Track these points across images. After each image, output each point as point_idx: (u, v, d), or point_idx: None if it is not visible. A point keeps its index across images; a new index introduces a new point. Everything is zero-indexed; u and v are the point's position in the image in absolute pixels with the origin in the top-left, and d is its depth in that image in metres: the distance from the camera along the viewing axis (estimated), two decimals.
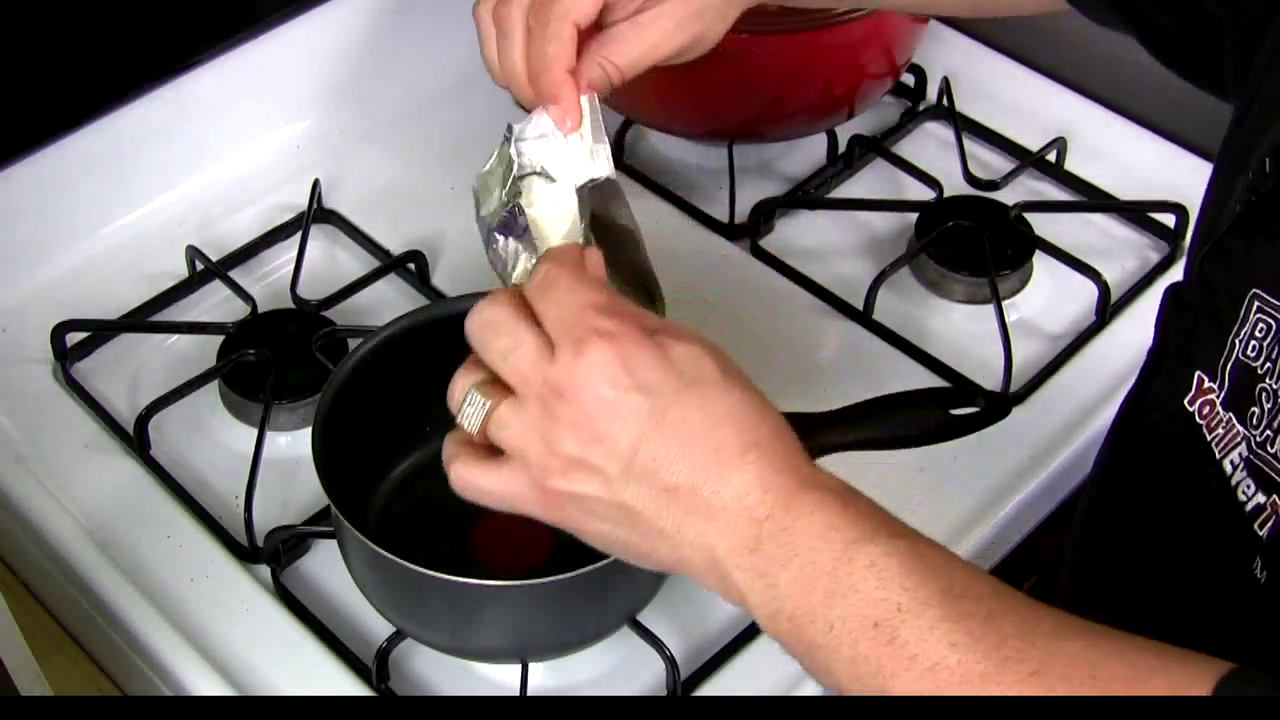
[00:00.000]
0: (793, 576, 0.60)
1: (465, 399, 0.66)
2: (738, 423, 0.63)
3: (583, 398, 0.62)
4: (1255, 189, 0.66)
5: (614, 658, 0.90)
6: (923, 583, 0.58)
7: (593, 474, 0.63)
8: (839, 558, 0.59)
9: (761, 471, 0.61)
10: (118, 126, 1.11)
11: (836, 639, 0.59)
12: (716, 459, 0.62)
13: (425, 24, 1.25)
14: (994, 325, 1.05)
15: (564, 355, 0.63)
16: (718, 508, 0.61)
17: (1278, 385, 0.64)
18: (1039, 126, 1.22)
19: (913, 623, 0.57)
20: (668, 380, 0.63)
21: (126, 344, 1.06)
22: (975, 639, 0.56)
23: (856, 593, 0.58)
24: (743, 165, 1.18)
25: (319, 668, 0.88)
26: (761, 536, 0.60)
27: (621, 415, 0.62)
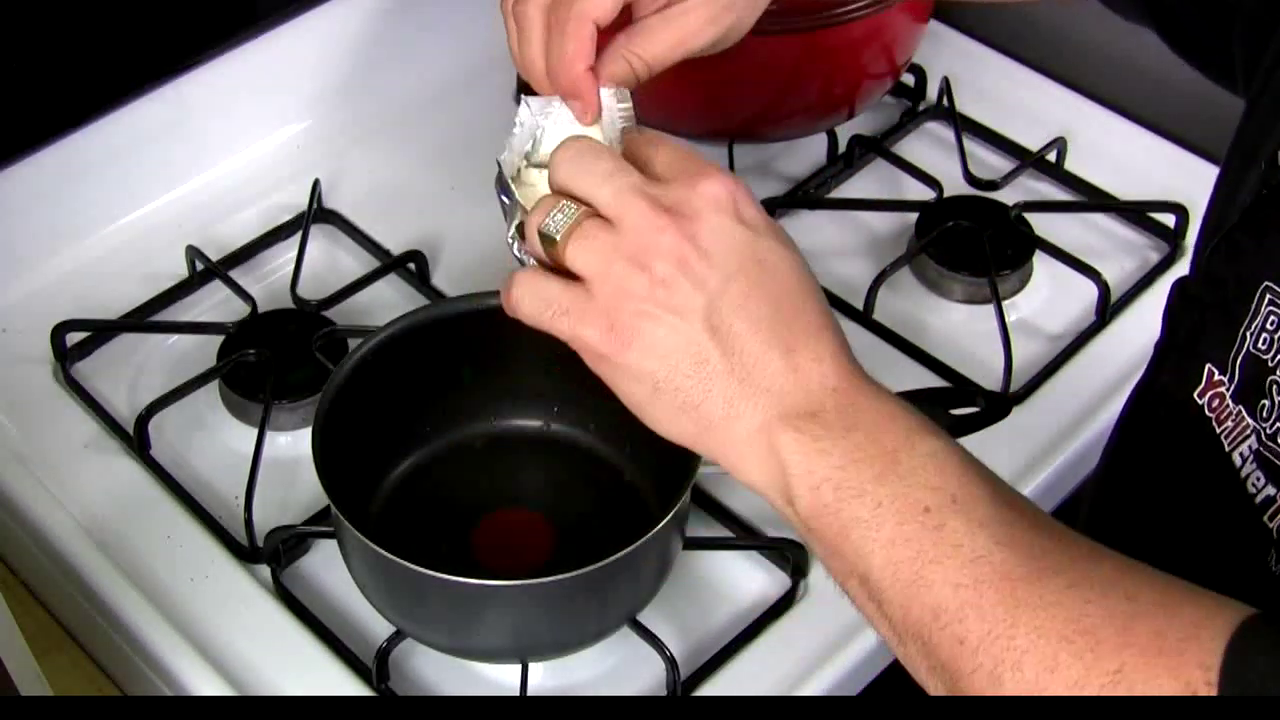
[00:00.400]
0: (850, 447, 0.59)
1: (556, 207, 0.63)
2: (817, 298, 0.63)
3: (695, 217, 0.61)
4: (1267, 181, 0.66)
5: (614, 658, 0.90)
6: (977, 481, 0.59)
7: (680, 295, 0.61)
8: (901, 441, 0.59)
9: (835, 347, 0.62)
10: (118, 126, 1.11)
11: (881, 516, 0.58)
12: (801, 319, 0.62)
13: (425, 24, 1.25)
14: (994, 325, 1.05)
15: (679, 182, 0.63)
16: (792, 364, 0.61)
17: None
18: (1039, 126, 1.22)
19: (964, 514, 0.57)
20: (770, 228, 0.63)
21: (126, 344, 1.06)
22: (1019, 543, 0.57)
23: (914, 475, 0.58)
24: (743, 165, 1.18)
25: (319, 668, 0.88)
26: (826, 404, 0.60)
27: (727, 242, 0.61)
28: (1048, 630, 0.55)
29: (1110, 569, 0.57)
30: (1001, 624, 0.55)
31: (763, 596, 0.92)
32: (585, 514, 0.93)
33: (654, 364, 0.61)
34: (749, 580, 0.93)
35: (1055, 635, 0.54)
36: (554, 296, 0.63)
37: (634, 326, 0.61)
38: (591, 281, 0.62)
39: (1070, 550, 0.58)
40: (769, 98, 1.14)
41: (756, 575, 0.93)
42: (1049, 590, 0.55)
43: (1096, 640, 0.54)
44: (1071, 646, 0.54)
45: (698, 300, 0.61)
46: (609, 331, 0.62)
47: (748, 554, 0.93)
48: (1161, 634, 0.54)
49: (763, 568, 0.93)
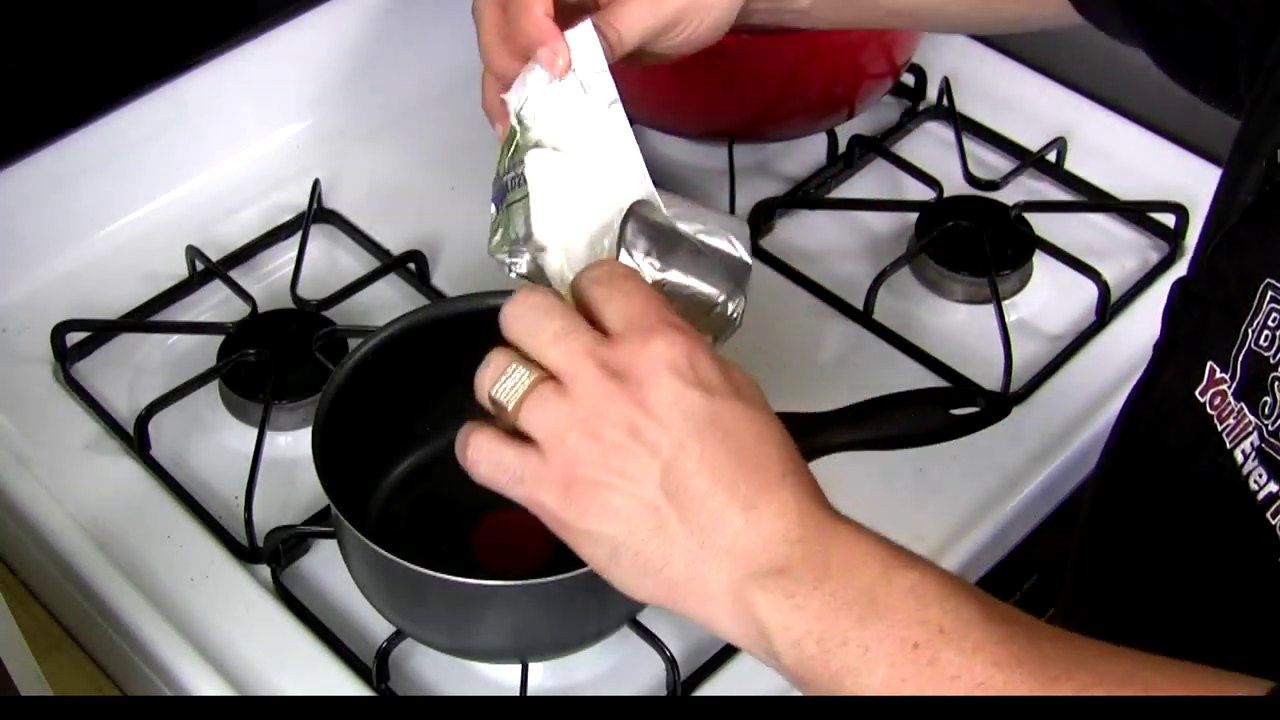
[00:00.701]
0: (826, 597, 0.58)
1: (507, 371, 0.62)
2: (779, 447, 0.62)
3: (644, 381, 0.60)
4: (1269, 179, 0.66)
5: (614, 658, 0.90)
6: (963, 605, 0.57)
7: (634, 462, 0.60)
8: (876, 579, 0.58)
9: (799, 496, 0.60)
10: (118, 126, 1.11)
11: (871, 661, 0.57)
12: (759, 474, 0.60)
13: (425, 24, 1.25)
14: (994, 325, 1.05)
15: (629, 341, 0.61)
16: (753, 521, 0.59)
17: None
18: (1039, 126, 1.22)
19: (955, 644, 0.56)
20: (726, 386, 0.61)
21: (126, 344, 1.06)
22: (1019, 660, 0.55)
23: (895, 614, 0.57)
24: (743, 165, 1.18)
25: (319, 668, 0.88)
26: (793, 557, 0.59)
27: (680, 405, 0.60)
28: None
29: (1125, 666, 0.56)
30: None
31: None
32: None
33: (612, 529, 0.61)
34: None
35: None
36: (509, 463, 0.62)
37: (589, 493, 0.61)
38: (545, 448, 0.61)
39: (1078, 653, 0.56)
40: (769, 98, 1.14)
41: None
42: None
43: None
44: None
45: (652, 466, 0.60)
46: (565, 498, 0.61)
47: None
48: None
49: None
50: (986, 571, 0.98)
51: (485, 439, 0.63)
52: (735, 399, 0.61)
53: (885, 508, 0.95)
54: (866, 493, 0.96)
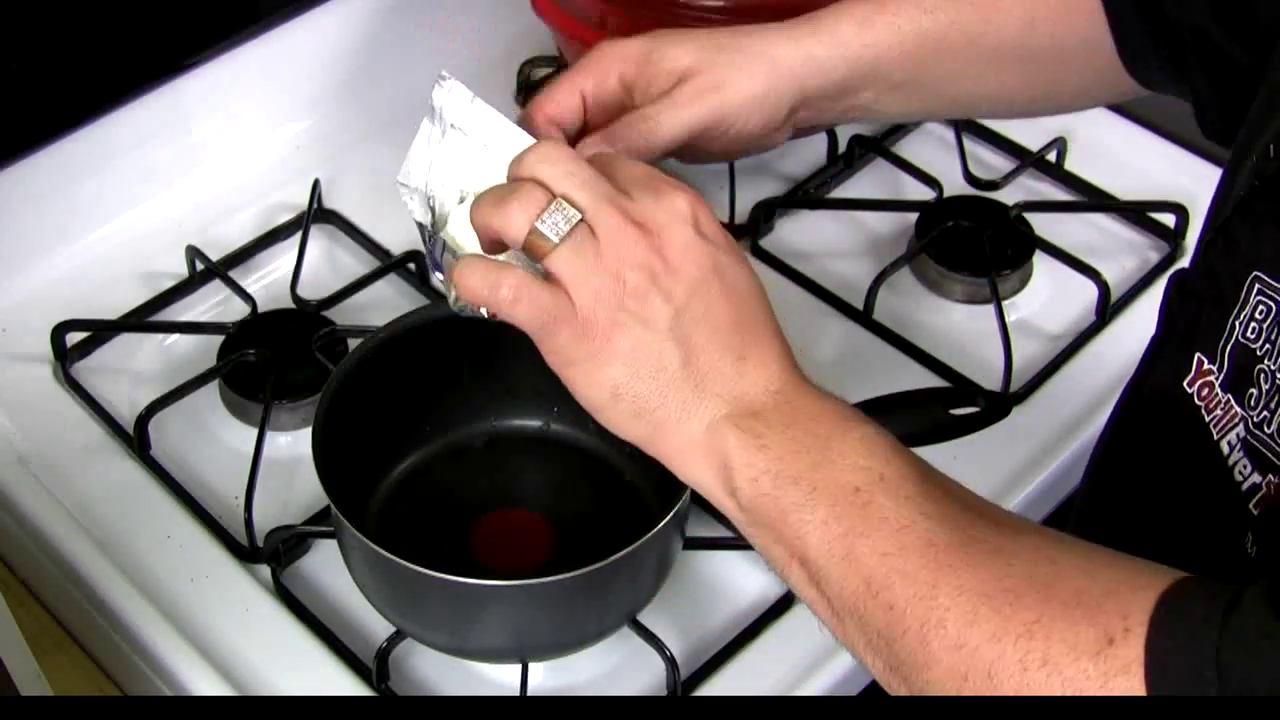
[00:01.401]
0: (787, 439, 0.64)
1: (551, 207, 0.65)
2: (766, 306, 0.68)
3: (661, 231, 0.65)
4: (1260, 173, 0.66)
5: (614, 658, 0.90)
6: (906, 462, 0.63)
7: (650, 306, 0.65)
8: (834, 429, 0.64)
9: (780, 353, 0.67)
10: (118, 126, 1.11)
11: (815, 499, 0.62)
12: (753, 329, 0.67)
13: (425, 24, 1.25)
14: (994, 325, 1.05)
15: (643, 198, 0.66)
16: (741, 370, 0.65)
17: (1276, 367, 0.64)
18: (1039, 126, 1.22)
19: (891, 491, 0.61)
20: (727, 242, 0.67)
21: (126, 344, 1.06)
22: (945, 514, 0.60)
23: (845, 458, 0.62)
24: (743, 165, 1.18)
25: (319, 668, 0.88)
26: (768, 404, 0.65)
27: (692, 255, 0.65)
28: (969, 589, 0.58)
29: (1036, 539, 0.60)
30: (925, 585, 0.59)
31: (763, 596, 0.92)
32: (585, 514, 0.93)
33: (618, 370, 0.65)
34: (749, 580, 0.93)
35: (976, 593, 0.57)
36: (546, 303, 0.65)
37: (605, 334, 0.65)
38: (571, 287, 0.65)
39: (997, 524, 0.61)
40: None
41: (756, 575, 0.93)
42: (972, 555, 0.59)
43: (1016, 596, 0.57)
44: (991, 602, 0.57)
45: (665, 311, 0.65)
46: (581, 336, 0.65)
47: (748, 554, 0.93)
48: (1082, 590, 0.56)
49: (763, 568, 0.93)
50: None
51: (519, 278, 0.66)
52: (735, 254, 0.67)
53: None
54: None
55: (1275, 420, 0.64)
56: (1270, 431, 0.64)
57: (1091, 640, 0.55)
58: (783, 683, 0.88)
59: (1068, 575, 0.57)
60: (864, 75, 0.82)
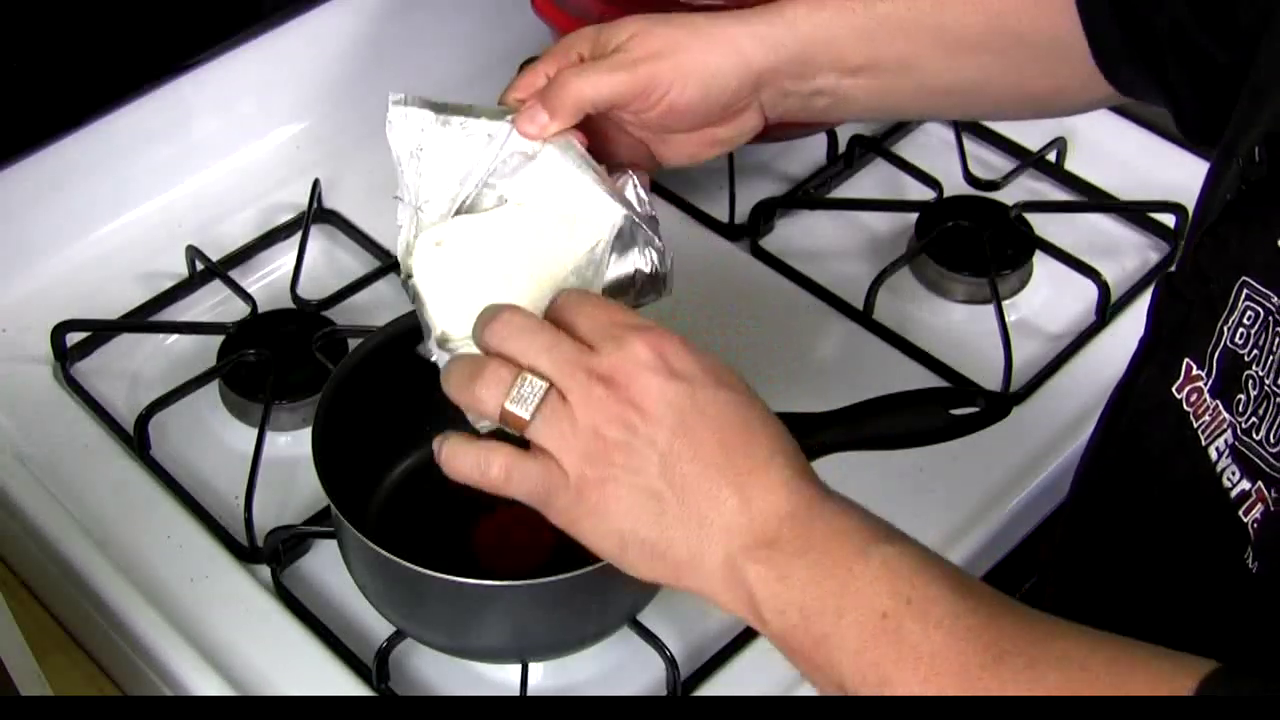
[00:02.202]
0: (808, 568, 0.62)
1: (518, 383, 0.65)
2: (764, 428, 0.66)
3: (630, 383, 0.64)
4: (1246, 177, 0.66)
5: (614, 658, 0.90)
6: (932, 581, 0.61)
7: (633, 455, 0.64)
8: (855, 553, 0.62)
9: (786, 474, 0.64)
10: (118, 126, 1.11)
11: (844, 629, 0.61)
12: (748, 455, 0.64)
13: (425, 24, 1.25)
14: (994, 325, 1.05)
15: (606, 349, 0.65)
16: (745, 499, 0.64)
17: (1264, 373, 0.64)
18: (1039, 126, 1.22)
19: (919, 616, 0.60)
20: (704, 375, 0.66)
21: (126, 344, 1.06)
22: (975, 634, 0.59)
23: (870, 585, 0.61)
24: (743, 165, 1.18)
25: (319, 668, 0.88)
26: (783, 532, 0.63)
27: (665, 399, 0.64)
28: None
29: (1069, 642, 0.59)
30: None
31: None
32: None
33: (620, 523, 0.65)
34: None
35: None
36: (538, 477, 0.66)
37: (599, 490, 0.65)
38: (558, 454, 0.66)
39: (1028, 631, 0.60)
40: None
41: None
42: (1006, 672, 0.58)
43: None
44: None
45: (651, 456, 0.64)
46: (578, 499, 0.66)
47: None
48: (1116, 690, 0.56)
49: None
50: (986, 571, 0.98)
51: (507, 456, 0.67)
52: (716, 387, 0.66)
53: (885, 508, 0.95)
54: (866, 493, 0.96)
55: (1264, 427, 0.64)
56: (1258, 438, 0.64)
57: None
58: (783, 683, 0.88)
59: (1101, 680, 0.57)
60: (817, 54, 0.81)
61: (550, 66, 0.80)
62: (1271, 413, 0.64)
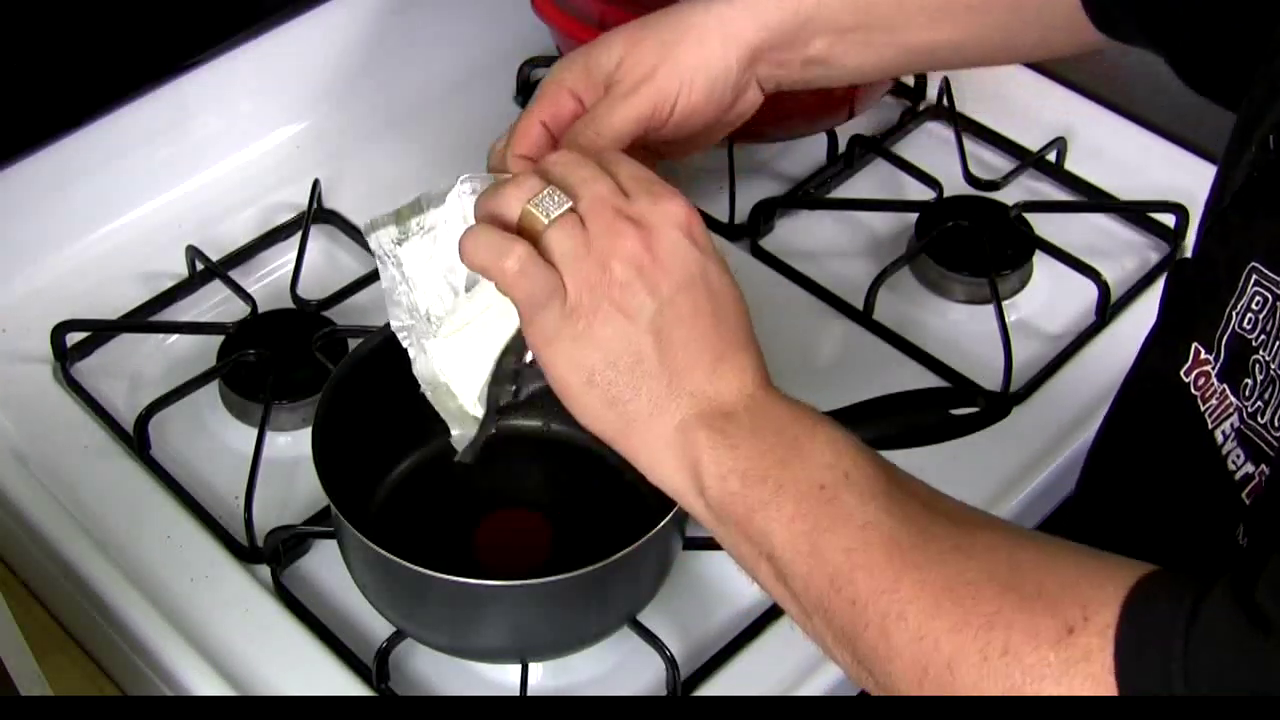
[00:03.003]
0: (757, 440, 0.65)
1: (544, 192, 0.68)
2: (746, 316, 0.70)
3: (654, 230, 0.67)
4: (1257, 164, 0.67)
5: (614, 658, 0.90)
6: (872, 461, 0.65)
7: (633, 298, 0.66)
8: (803, 431, 0.66)
9: (756, 363, 0.69)
10: (118, 126, 1.11)
11: (782, 497, 0.63)
12: (735, 335, 0.69)
13: (425, 24, 1.25)
14: (994, 325, 1.05)
15: (640, 198, 0.68)
16: (717, 372, 0.67)
17: (1271, 357, 0.65)
18: (1039, 126, 1.22)
19: (856, 489, 0.63)
20: (718, 257, 0.69)
21: (126, 344, 1.06)
22: (909, 513, 0.62)
23: (812, 458, 0.64)
24: (743, 165, 1.18)
25: (319, 668, 0.88)
26: (740, 407, 0.67)
27: (680, 256, 0.67)
28: (931, 583, 0.59)
29: (997, 536, 0.61)
30: (888, 580, 0.60)
31: (763, 596, 0.91)
32: (585, 514, 0.93)
33: (596, 356, 0.67)
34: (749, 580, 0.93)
35: (938, 586, 0.59)
36: (539, 278, 0.67)
37: (589, 319, 0.67)
38: (561, 268, 0.67)
39: (959, 521, 0.62)
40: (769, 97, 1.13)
41: None
42: (933, 552, 0.60)
43: (977, 589, 0.58)
44: (953, 595, 0.58)
45: (648, 305, 0.67)
46: (564, 319, 0.67)
47: None
48: (1041, 583, 0.58)
49: None
50: None
51: (527, 252, 0.67)
52: (723, 271, 0.70)
53: None
54: None
55: (1269, 410, 0.65)
56: (1264, 421, 0.65)
57: (1051, 630, 0.56)
58: (783, 683, 0.88)
59: (1026, 570, 0.59)
60: (809, 21, 0.82)
61: (544, 112, 0.81)
62: (1278, 397, 0.64)
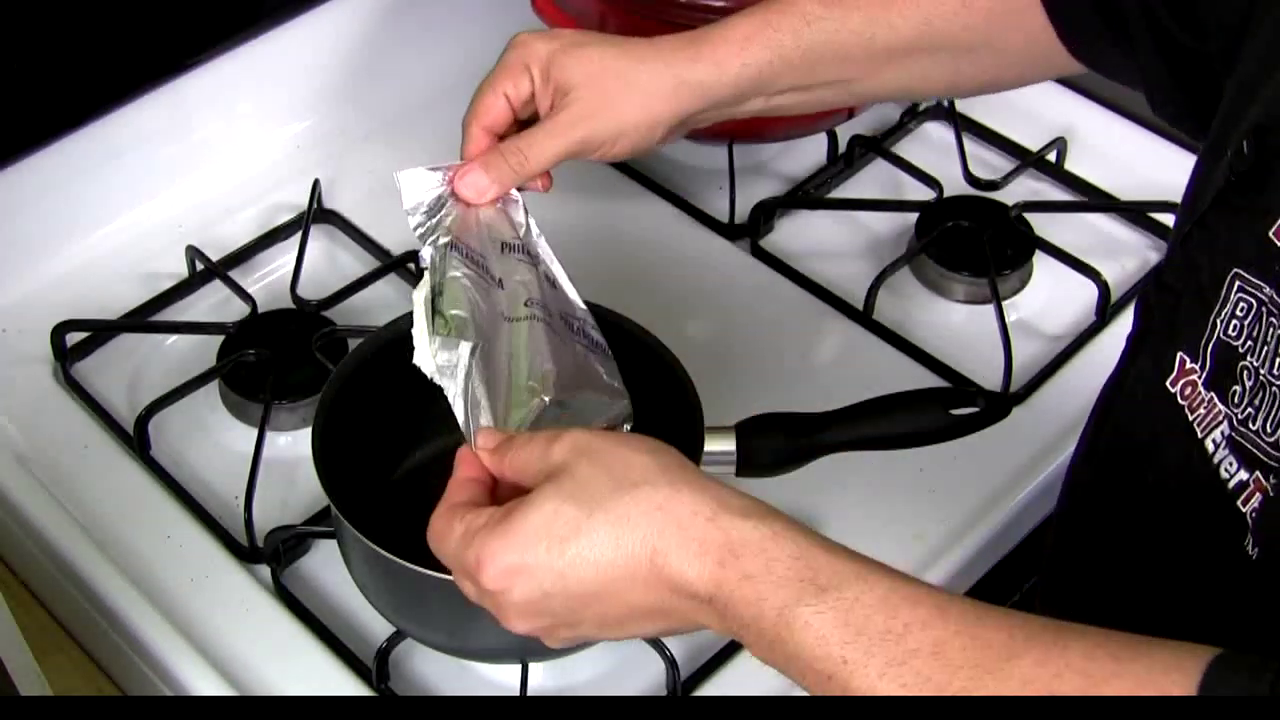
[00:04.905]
0: (752, 641, 0.62)
1: None
2: (623, 541, 0.63)
3: (499, 608, 0.67)
4: (1234, 168, 0.66)
5: (614, 658, 0.90)
6: (861, 633, 0.59)
7: (567, 631, 0.67)
8: (776, 625, 0.60)
9: (678, 567, 0.62)
10: (118, 126, 1.11)
11: (809, 686, 0.61)
12: (649, 573, 0.63)
13: (425, 24, 1.25)
14: (994, 325, 1.05)
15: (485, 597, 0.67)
16: (673, 607, 0.63)
17: (1259, 363, 0.64)
18: (1039, 126, 1.22)
19: (860, 673, 0.58)
20: (545, 578, 0.64)
21: (126, 344, 1.06)
22: (923, 678, 0.57)
23: (802, 653, 0.60)
24: (743, 165, 1.18)
25: (319, 668, 0.88)
26: (717, 611, 0.62)
27: (534, 610, 0.66)
28: None
29: (1028, 668, 0.56)
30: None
31: None
32: None
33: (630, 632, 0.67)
34: None
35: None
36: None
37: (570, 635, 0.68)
38: None
39: (982, 655, 0.57)
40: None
41: None
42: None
43: None
44: None
45: (578, 630, 0.67)
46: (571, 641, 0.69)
47: None
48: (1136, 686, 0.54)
49: None
50: (986, 571, 0.98)
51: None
52: (561, 572, 0.64)
53: (885, 508, 0.96)
54: (866, 493, 0.96)
55: (1260, 416, 0.64)
56: (1255, 428, 0.65)
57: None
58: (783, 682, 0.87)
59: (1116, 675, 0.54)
60: (747, 88, 0.83)
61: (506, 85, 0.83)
62: (1268, 402, 0.64)
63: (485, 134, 0.84)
